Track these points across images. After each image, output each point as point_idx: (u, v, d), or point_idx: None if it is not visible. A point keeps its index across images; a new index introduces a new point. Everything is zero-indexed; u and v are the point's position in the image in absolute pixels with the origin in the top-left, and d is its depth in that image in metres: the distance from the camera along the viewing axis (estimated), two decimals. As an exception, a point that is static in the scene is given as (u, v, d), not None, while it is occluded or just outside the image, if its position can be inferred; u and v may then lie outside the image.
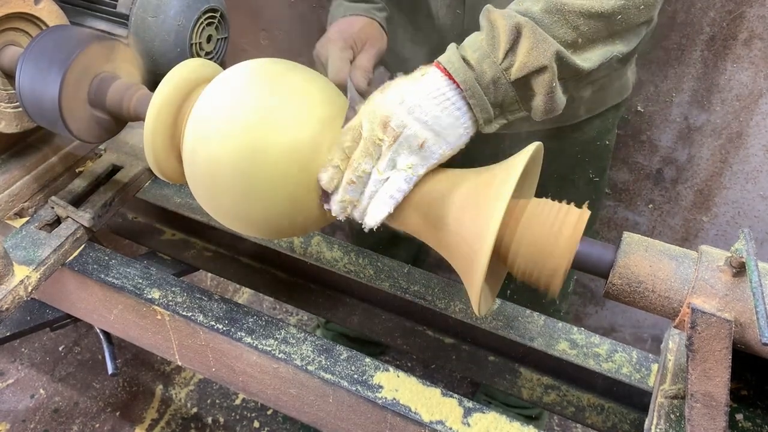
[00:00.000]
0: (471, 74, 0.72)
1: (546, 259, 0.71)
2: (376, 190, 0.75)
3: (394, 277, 1.15)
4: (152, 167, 0.86)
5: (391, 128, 0.71)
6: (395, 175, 0.73)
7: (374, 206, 0.75)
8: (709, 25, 1.43)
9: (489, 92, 0.73)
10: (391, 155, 0.72)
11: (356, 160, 0.74)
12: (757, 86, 1.45)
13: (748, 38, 1.40)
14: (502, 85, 0.73)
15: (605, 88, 1.17)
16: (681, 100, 1.54)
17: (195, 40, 1.06)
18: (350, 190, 0.75)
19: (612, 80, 1.17)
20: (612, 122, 1.27)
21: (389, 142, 0.72)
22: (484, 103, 0.74)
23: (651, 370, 1.02)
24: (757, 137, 1.51)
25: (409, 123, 0.71)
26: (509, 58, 0.72)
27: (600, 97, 1.17)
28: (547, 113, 0.77)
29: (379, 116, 0.72)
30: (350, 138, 0.74)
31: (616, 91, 1.20)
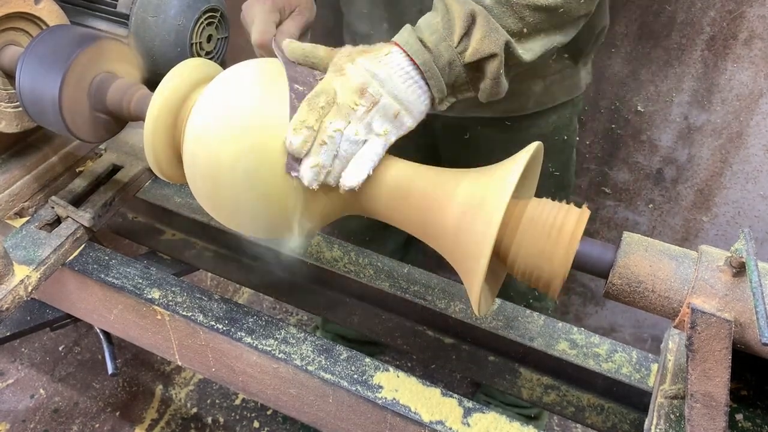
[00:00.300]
0: (429, 56, 0.77)
1: (546, 260, 0.71)
2: (351, 152, 0.74)
3: (394, 277, 1.15)
4: (152, 167, 0.86)
5: (369, 95, 0.74)
6: (373, 139, 0.75)
7: (354, 167, 0.74)
8: (709, 24, 1.43)
9: (444, 73, 0.78)
10: (368, 119, 0.74)
11: (330, 120, 0.73)
12: (758, 86, 1.45)
13: (749, 38, 1.40)
14: (456, 67, 0.78)
15: (555, 84, 1.20)
16: (681, 100, 1.54)
17: (195, 40, 1.06)
18: (323, 152, 0.73)
19: (563, 78, 1.20)
20: (569, 118, 1.30)
21: (367, 108, 0.74)
22: (440, 84, 0.78)
23: (651, 370, 1.02)
24: (758, 137, 1.51)
25: (384, 93, 0.75)
26: (464, 43, 0.78)
27: (549, 92, 1.21)
28: (491, 96, 0.83)
29: (355, 84, 0.75)
30: (324, 100, 0.74)
31: (566, 88, 1.23)
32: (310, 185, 0.74)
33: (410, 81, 0.77)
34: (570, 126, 1.31)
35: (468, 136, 1.28)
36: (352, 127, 0.74)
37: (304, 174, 0.74)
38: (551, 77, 1.18)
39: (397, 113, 0.76)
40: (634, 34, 1.50)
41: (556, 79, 1.19)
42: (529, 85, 1.17)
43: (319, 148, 0.73)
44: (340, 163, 0.74)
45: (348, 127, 0.74)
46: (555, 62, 1.17)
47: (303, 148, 0.72)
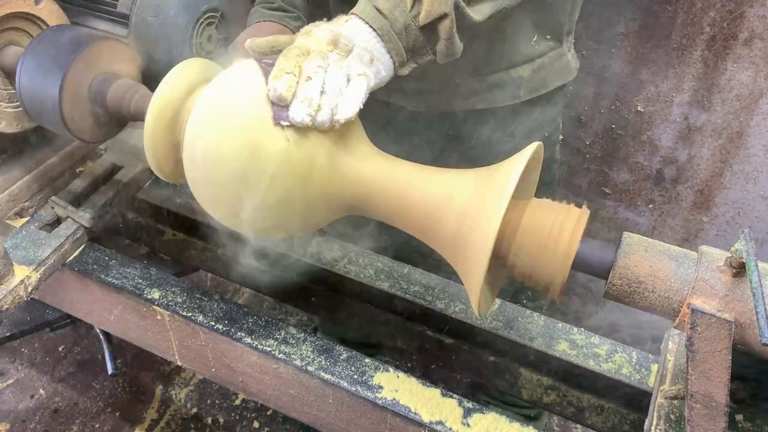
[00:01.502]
0: (386, 22, 0.81)
1: (546, 260, 0.71)
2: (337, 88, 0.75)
3: (394, 277, 1.15)
4: (152, 167, 0.86)
5: (342, 44, 0.78)
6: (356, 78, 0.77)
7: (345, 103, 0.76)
8: (709, 25, 1.43)
9: (402, 38, 0.82)
10: (346, 63, 0.77)
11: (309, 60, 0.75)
12: (758, 86, 1.45)
13: (749, 38, 1.40)
14: (412, 30, 0.83)
15: (545, 68, 1.20)
16: (681, 100, 1.54)
17: (195, 40, 1.06)
18: (309, 86, 0.74)
19: (551, 60, 1.20)
20: (551, 114, 1.29)
21: (342, 55, 0.77)
22: (399, 48, 0.82)
23: (651, 371, 1.02)
24: (758, 137, 1.51)
25: (355, 44, 0.79)
26: (416, 7, 0.82)
27: (540, 77, 1.21)
28: (448, 56, 0.87)
29: (326, 38, 0.78)
30: (298, 51, 0.76)
31: (558, 71, 1.23)
32: (303, 122, 0.74)
33: (375, 39, 0.81)
34: (552, 123, 1.31)
35: (452, 132, 1.30)
36: (333, 67, 0.76)
37: (294, 112, 0.74)
38: (538, 60, 1.18)
39: (372, 59, 0.80)
40: (634, 34, 1.50)
41: (544, 62, 1.20)
42: (518, 72, 1.18)
43: (305, 84, 0.74)
44: (327, 99, 0.75)
45: (329, 67, 0.76)
46: (537, 44, 1.17)
47: (288, 93, 0.74)
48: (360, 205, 0.81)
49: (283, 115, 0.74)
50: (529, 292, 1.56)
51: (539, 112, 1.27)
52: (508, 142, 1.27)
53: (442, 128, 1.31)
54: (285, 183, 0.76)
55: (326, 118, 0.75)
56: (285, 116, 0.74)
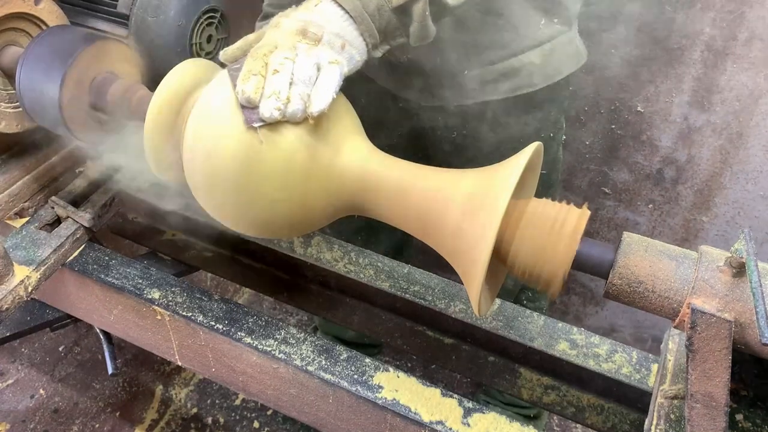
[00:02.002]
0: (358, 3, 0.80)
1: (546, 260, 0.71)
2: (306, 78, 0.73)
3: (394, 277, 1.15)
4: (152, 168, 0.86)
5: (311, 33, 0.76)
6: (327, 67, 0.75)
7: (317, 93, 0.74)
8: (709, 25, 1.43)
9: (375, 19, 0.81)
10: (315, 52, 0.75)
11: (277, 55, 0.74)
12: (757, 86, 1.45)
13: (748, 38, 1.41)
14: (385, 12, 0.82)
15: (555, 53, 1.18)
16: (681, 100, 1.55)
17: (195, 40, 1.06)
18: (276, 80, 0.72)
19: (562, 44, 1.19)
20: (555, 115, 1.29)
21: (310, 45, 0.76)
22: (372, 29, 0.81)
23: (651, 371, 1.02)
24: (757, 137, 1.51)
25: (325, 32, 0.77)
26: None
27: (552, 62, 1.19)
28: (420, 40, 0.86)
29: (293, 29, 0.76)
30: (266, 49, 0.75)
31: (569, 56, 1.21)
32: (273, 117, 0.72)
33: (347, 22, 0.79)
34: (556, 124, 1.30)
35: (455, 135, 1.29)
36: (302, 57, 0.74)
37: (264, 108, 0.72)
38: (548, 45, 1.17)
39: (343, 45, 0.78)
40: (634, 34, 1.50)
41: (555, 47, 1.18)
42: (529, 57, 1.16)
43: (271, 78, 0.72)
44: (297, 89, 0.73)
45: (297, 57, 0.74)
46: (545, 27, 1.15)
47: (256, 94, 0.72)
48: (359, 205, 0.81)
49: (254, 117, 0.73)
50: (529, 293, 1.56)
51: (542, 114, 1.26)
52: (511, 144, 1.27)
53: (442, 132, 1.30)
54: (287, 184, 0.76)
55: (297, 108, 0.73)
56: (255, 118, 0.73)
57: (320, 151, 0.77)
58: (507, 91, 1.18)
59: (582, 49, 1.24)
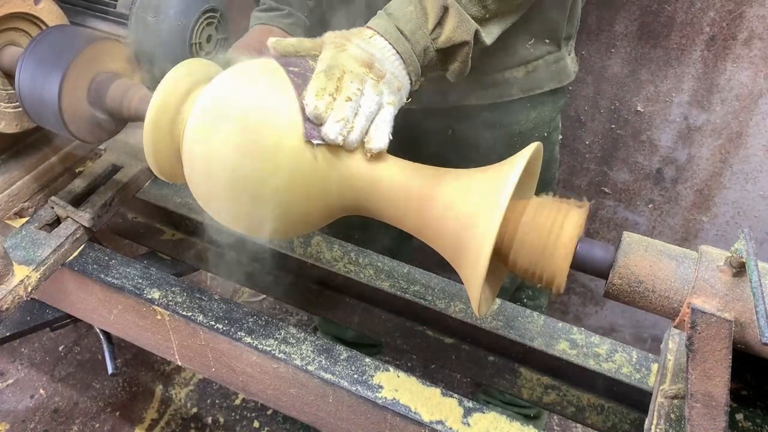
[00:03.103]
0: (408, 45, 0.83)
1: (546, 260, 0.71)
2: (370, 113, 0.76)
3: (394, 277, 1.15)
4: (152, 167, 0.86)
5: (377, 68, 0.79)
6: (386, 107, 0.78)
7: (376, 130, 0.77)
8: (708, 25, 1.43)
9: (420, 58, 0.85)
10: (380, 89, 0.78)
11: (350, 80, 0.76)
12: (757, 86, 1.45)
13: (748, 38, 1.40)
14: (430, 52, 0.86)
15: (539, 70, 1.21)
16: (681, 100, 1.54)
17: (195, 40, 1.06)
18: (347, 107, 0.75)
19: (547, 63, 1.21)
20: (549, 115, 1.29)
21: (376, 80, 0.79)
22: (417, 70, 0.85)
23: (651, 370, 1.02)
24: (757, 137, 1.51)
25: (386, 70, 0.81)
26: (437, 31, 0.85)
27: (534, 78, 1.21)
28: (460, 75, 0.91)
29: (361, 59, 0.79)
30: (339, 71, 0.77)
31: (553, 74, 1.23)
32: (335, 140, 0.74)
33: (398, 62, 0.83)
34: (551, 123, 1.31)
35: (450, 132, 1.30)
36: (369, 92, 0.77)
37: (328, 130, 0.74)
38: (533, 63, 1.19)
39: (399, 87, 0.82)
40: (633, 34, 1.50)
41: (539, 65, 1.20)
42: (512, 73, 1.19)
43: (343, 104, 0.74)
44: (359, 122, 0.75)
45: (365, 90, 0.77)
46: (534, 47, 1.17)
47: (326, 112, 0.74)
48: (359, 205, 0.81)
49: (315, 134, 0.75)
50: (529, 291, 1.56)
51: (537, 113, 1.26)
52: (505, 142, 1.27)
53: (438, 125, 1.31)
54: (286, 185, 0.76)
55: (356, 139, 0.75)
56: (317, 135, 0.75)
57: (321, 153, 0.77)
58: (486, 98, 1.22)
59: (571, 67, 1.26)
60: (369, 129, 0.76)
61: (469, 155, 1.29)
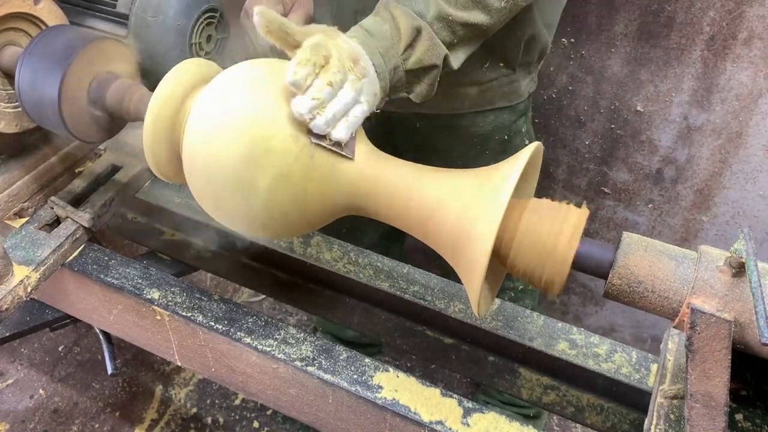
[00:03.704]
0: (381, 62, 0.84)
1: (546, 260, 0.71)
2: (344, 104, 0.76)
3: (394, 278, 1.15)
4: (152, 167, 0.86)
5: (361, 66, 0.79)
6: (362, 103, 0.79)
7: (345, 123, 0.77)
8: (708, 24, 1.43)
9: (390, 76, 0.85)
10: (359, 86, 0.78)
11: (335, 69, 0.75)
12: (757, 86, 1.45)
13: (748, 38, 1.40)
14: (399, 72, 0.86)
15: (492, 90, 1.24)
16: (681, 100, 1.54)
17: (195, 40, 1.06)
18: (326, 91, 0.74)
19: (501, 84, 1.24)
20: (508, 119, 1.31)
21: (358, 76, 0.78)
22: (386, 86, 0.85)
23: (650, 371, 1.02)
24: (757, 137, 1.51)
25: (369, 72, 0.80)
26: (407, 53, 0.86)
27: (485, 96, 1.25)
28: (425, 98, 0.93)
29: (349, 52, 0.79)
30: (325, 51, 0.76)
31: (504, 94, 1.26)
32: (303, 116, 0.73)
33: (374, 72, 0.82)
34: (511, 127, 1.33)
35: (416, 133, 1.34)
36: (349, 85, 0.77)
37: (300, 103, 0.73)
38: (486, 84, 1.23)
39: (376, 93, 0.82)
40: (633, 34, 1.50)
41: (492, 85, 1.24)
42: (465, 90, 1.22)
43: (323, 86, 0.74)
44: (333, 108, 0.75)
45: (345, 82, 0.77)
46: (489, 71, 1.20)
47: (305, 82, 0.74)
48: (358, 205, 0.81)
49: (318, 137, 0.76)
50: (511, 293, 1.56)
51: (494, 116, 1.29)
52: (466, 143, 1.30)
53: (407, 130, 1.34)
54: (285, 186, 0.76)
55: (323, 124, 0.75)
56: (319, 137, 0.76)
57: (320, 153, 0.77)
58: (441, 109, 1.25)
59: (525, 88, 1.29)
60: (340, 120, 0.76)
61: (434, 156, 1.32)
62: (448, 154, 1.33)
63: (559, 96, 1.66)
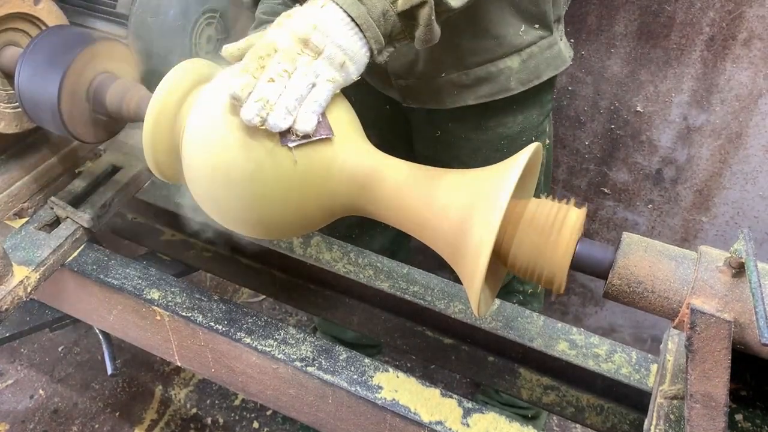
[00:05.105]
0: (364, 9, 0.78)
1: (546, 260, 0.71)
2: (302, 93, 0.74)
3: (394, 278, 1.15)
4: (151, 168, 0.86)
5: (313, 44, 0.75)
6: (322, 83, 0.75)
7: (305, 112, 0.74)
8: (708, 25, 1.43)
9: (380, 24, 0.79)
10: (314, 66, 0.75)
11: (276, 63, 0.73)
12: (757, 86, 1.45)
13: (748, 38, 1.40)
14: (390, 17, 0.80)
15: (534, 57, 1.17)
16: (680, 100, 1.54)
17: (195, 40, 1.06)
18: (268, 88, 0.73)
19: (541, 50, 1.17)
20: (537, 119, 1.27)
21: (312, 57, 0.75)
22: (377, 34, 0.79)
23: (650, 371, 1.02)
24: (757, 137, 1.51)
25: (327, 44, 0.76)
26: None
27: (531, 67, 1.18)
28: (426, 42, 0.84)
29: (298, 35, 0.75)
30: (265, 51, 0.74)
31: (549, 61, 1.19)
32: (252, 122, 0.72)
33: (351, 32, 0.77)
34: (539, 127, 1.29)
35: (439, 134, 1.29)
36: (299, 73, 0.74)
37: (245, 111, 0.72)
38: (527, 50, 1.15)
39: (343, 62, 0.77)
40: (633, 34, 1.50)
41: (533, 51, 1.17)
42: (506, 63, 1.15)
43: (264, 85, 0.72)
44: (283, 102, 0.73)
45: (295, 71, 0.74)
46: (526, 33, 1.14)
47: (243, 92, 0.72)
48: (358, 206, 0.81)
49: (290, 138, 0.74)
50: (520, 297, 1.55)
51: (524, 116, 1.25)
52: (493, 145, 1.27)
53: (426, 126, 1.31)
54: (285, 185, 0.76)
55: (278, 120, 0.73)
56: (291, 138, 0.74)
57: (319, 153, 0.77)
58: (484, 95, 1.18)
59: (565, 52, 1.23)
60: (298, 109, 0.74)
61: (456, 157, 1.28)
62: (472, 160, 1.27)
63: (559, 96, 1.66)
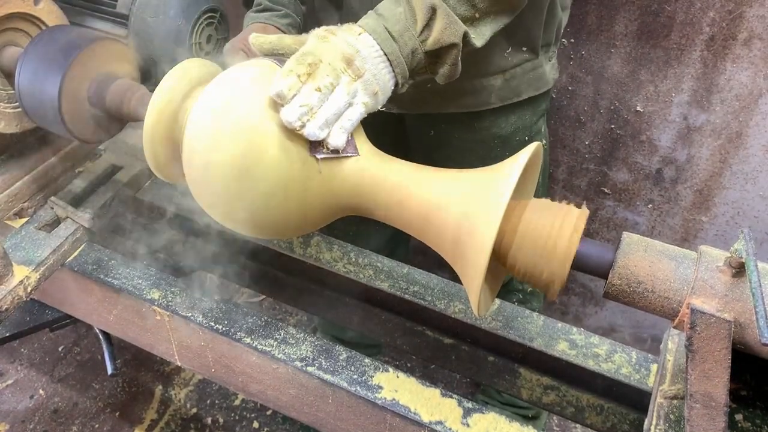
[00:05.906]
0: (396, 46, 0.81)
1: (546, 260, 0.71)
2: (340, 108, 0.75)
3: (394, 278, 1.15)
4: (152, 167, 0.86)
5: (355, 66, 0.78)
6: (356, 105, 0.78)
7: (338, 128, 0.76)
8: (708, 25, 1.43)
9: (408, 60, 0.83)
10: (354, 88, 0.77)
11: (324, 74, 0.75)
12: (757, 86, 1.45)
13: (748, 38, 1.40)
14: (418, 55, 0.84)
15: (516, 78, 1.20)
16: (681, 100, 1.54)
17: (195, 40, 1.06)
18: (315, 96, 0.74)
19: (524, 71, 1.21)
20: (530, 119, 1.29)
21: (353, 78, 0.77)
22: (404, 71, 0.83)
23: (650, 371, 1.02)
24: (757, 137, 1.51)
25: (366, 70, 0.79)
26: (425, 33, 0.83)
27: (511, 86, 1.21)
28: (449, 78, 0.89)
29: (342, 53, 0.78)
30: (312, 59, 0.75)
31: (531, 82, 1.23)
32: (291, 124, 0.73)
33: (383, 64, 0.81)
34: (533, 128, 1.31)
35: (433, 133, 1.31)
36: (341, 89, 0.76)
37: (288, 111, 0.73)
38: (510, 71, 1.19)
39: (376, 92, 0.80)
40: (633, 34, 1.50)
41: (516, 72, 1.20)
42: (489, 81, 1.19)
43: (311, 92, 0.74)
44: (324, 113, 0.74)
45: (338, 86, 0.76)
46: (511, 56, 1.17)
47: (289, 92, 0.73)
48: (358, 206, 0.81)
49: (319, 149, 0.76)
50: (519, 295, 1.56)
51: (517, 117, 1.27)
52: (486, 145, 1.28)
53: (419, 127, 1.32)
54: (285, 185, 0.76)
55: (317, 129, 0.74)
56: (320, 150, 0.76)
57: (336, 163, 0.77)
58: (465, 106, 1.21)
59: (549, 74, 1.26)
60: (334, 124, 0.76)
61: (450, 157, 1.30)
62: (466, 159, 1.30)
63: (559, 96, 1.66)
